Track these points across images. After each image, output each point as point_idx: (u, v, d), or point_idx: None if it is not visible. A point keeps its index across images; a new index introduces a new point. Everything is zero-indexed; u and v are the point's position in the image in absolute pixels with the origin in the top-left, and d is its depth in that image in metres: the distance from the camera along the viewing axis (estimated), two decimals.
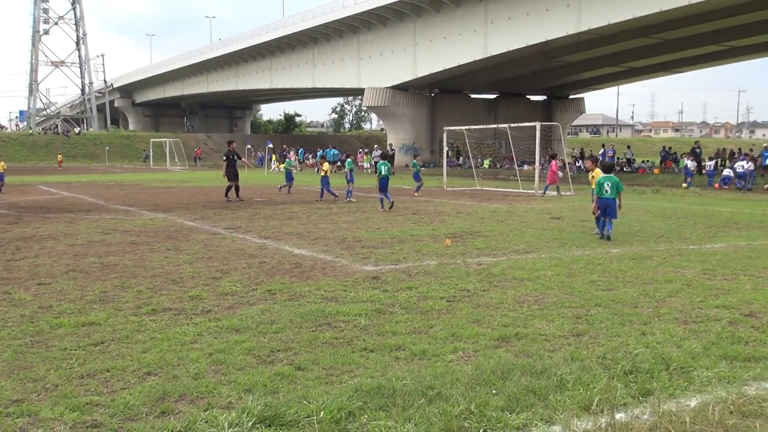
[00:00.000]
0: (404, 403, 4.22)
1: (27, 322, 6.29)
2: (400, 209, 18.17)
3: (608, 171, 12.60)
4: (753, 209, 18.23)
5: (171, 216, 16.32)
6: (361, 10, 49.07)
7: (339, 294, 7.45)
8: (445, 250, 10.67)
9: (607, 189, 12.01)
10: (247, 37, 65.11)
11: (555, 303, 7.03)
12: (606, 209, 12.00)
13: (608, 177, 12.25)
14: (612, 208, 11.97)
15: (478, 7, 43.11)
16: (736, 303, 7.00)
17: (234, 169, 21.57)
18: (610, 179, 12.15)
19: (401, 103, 52.56)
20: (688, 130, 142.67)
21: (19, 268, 9.10)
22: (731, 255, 10.17)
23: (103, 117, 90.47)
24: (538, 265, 9.20)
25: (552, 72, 52.40)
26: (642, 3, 32.97)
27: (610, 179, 12.16)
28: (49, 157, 63.87)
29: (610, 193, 11.99)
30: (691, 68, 54.71)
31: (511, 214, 17.00)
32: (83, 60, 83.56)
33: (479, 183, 30.23)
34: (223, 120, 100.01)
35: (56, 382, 4.71)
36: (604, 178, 12.26)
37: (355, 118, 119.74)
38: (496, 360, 5.11)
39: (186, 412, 4.17)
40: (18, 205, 19.88)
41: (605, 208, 12.01)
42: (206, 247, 11.07)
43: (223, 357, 5.23)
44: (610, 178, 12.19)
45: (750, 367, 4.99)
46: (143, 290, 7.66)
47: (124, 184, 31.00)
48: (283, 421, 4.01)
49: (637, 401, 4.32)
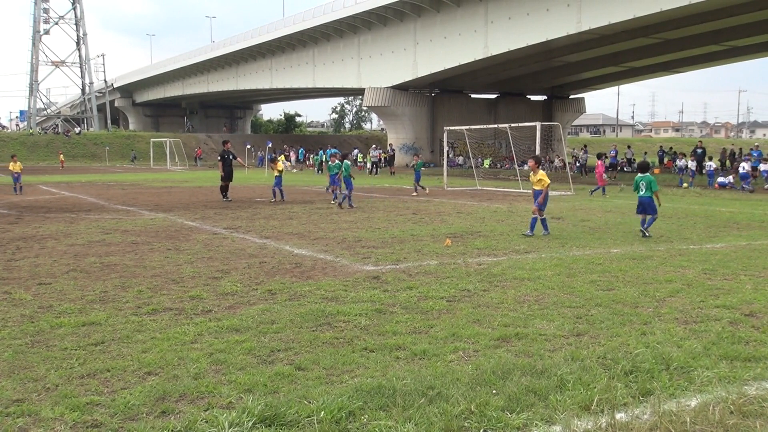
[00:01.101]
0: (404, 403, 4.21)
1: (27, 321, 6.29)
2: (400, 209, 18.17)
3: (644, 170, 12.83)
4: (753, 209, 18.23)
5: (171, 216, 16.32)
6: (361, 10, 49.09)
7: (339, 294, 7.45)
8: (446, 250, 10.67)
9: (642, 188, 12.38)
10: (248, 37, 65.14)
11: (555, 303, 7.03)
12: (646, 207, 12.34)
13: (644, 176, 12.52)
14: (651, 206, 12.33)
15: (478, 7, 43.11)
16: (736, 303, 6.99)
17: (229, 169, 21.60)
18: (645, 178, 12.45)
19: (401, 103, 52.57)
20: (689, 130, 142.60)
21: (20, 268, 9.10)
22: (731, 255, 10.17)
23: (103, 117, 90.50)
24: (538, 265, 9.20)
25: (552, 72, 52.42)
26: (642, 3, 32.97)
27: (645, 178, 12.45)
28: (49, 157, 63.88)
29: (645, 192, 12.33)
30: (691, 68, 54.72)
31: (511, 214, 16.99)
32: (83, 60, 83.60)
33: (479, 183, 30.23)
34: (223, 120, 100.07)
35: (56, 382, 4.71)
36: (640, 177, 12.56)
37: (356, 118, 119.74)
38: (496, 360, 5.11)
39: (186, 412, 4.17)
40: (18, 205, 19.89)
41: (644, 207, 12.36)
42: (206, 247, 11.07)
43: (223, 357, 5.23)
44: (646, 177, 12.48)
45: (750, 367, 4.99)
46: (143, 290, 7.66)
47: (125, 184, 31.00)
48: (284, 421, 4.01)
49: (638, 401, 4.32)
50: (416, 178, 25.10)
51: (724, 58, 48.98)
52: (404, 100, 52.72)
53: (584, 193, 24.52)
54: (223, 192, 21.41)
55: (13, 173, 25.43)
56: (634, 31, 38.25)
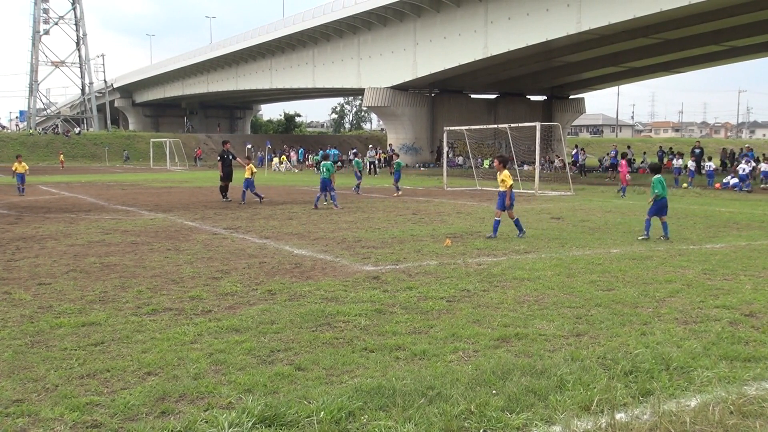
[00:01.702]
0: (404, 403, 4.21)
1: (27, 322, 6.29)
2: (399, 209, 18.18)
3: (659, 171, 12.64)
4: (753, 209, 18.23)
5: (171, 216, 16.32)
6: (361, 10, 49.08)
7: (339, 294, 7.45)
8: (445, 250, 10.67)
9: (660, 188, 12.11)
10: (247, 37, 65.12)
11: (555, 303, 7.03)
12: (663, 208, 12.13)
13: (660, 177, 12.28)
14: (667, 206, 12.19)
15: (478, 7, 43.11)
16: (736, 303, 7.00)
17: (229, 169, 21.59)
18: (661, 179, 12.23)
19: (401, 103, 52.57)
20: (688, 130, 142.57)
21: (19, 268, 9.10)
22: (731, 255, 10.17)
23: (103, 117, 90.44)
24: (538, 265, 9.20)
25: (552, 72, 52.42)
26: (642, 3, 32.97)
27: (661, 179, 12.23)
28: (49, 157, 63.83)
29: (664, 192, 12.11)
30: (691, 68, 54.73)
31: None
32: (83, 60, 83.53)
33: (479, 183, 30.22)
34: (223, 120, 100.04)
35: (56, 382, 4.71)
36: (659, 178, 12.24)
37: (355, 118, 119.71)
38: (496, 360, 5.11)
39: (186, 412, 4.17)
40: (18, 205, 19.89)
41: (664, 208, 12.14)
42: (206, 247, 11.07)
43: (223, 357, 5.23)
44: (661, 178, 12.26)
45: (750, 367, 4.99)
46: (143, 290, 7.66)
47: (125, 185, 31.00)
48: (283, 421, 4.01)
49: (637, 401, 4.32)
50: (396, 177, 24.82)
51: (724, 58, 48.99)
52: (404, 100, 52.72)
53: (584, 194, 24.52)
54: (222, 192, 21.42)
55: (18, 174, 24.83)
56: (634, 31, 38.26)
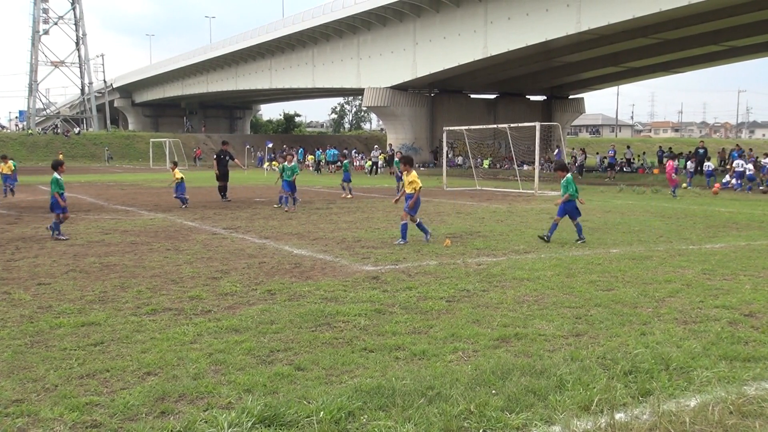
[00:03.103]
0: (404, 403, 4.21)
1: (27, 322, 6.29)
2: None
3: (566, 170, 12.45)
4: (753, 209, 18.24)
5: (171, 216, 16.32)
6: (361, 10, 49.07)
7: (339, 294, 7.45)
8: (445, 250, 10.67)
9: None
10: (247, 37, 65.10)
11: (555, 303, 7.03)
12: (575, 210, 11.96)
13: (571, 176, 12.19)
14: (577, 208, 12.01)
15: (477, 7, 43.11)
16: (735, 303, 7.00)
17: (224, 169, 21.56)
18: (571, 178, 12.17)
19: (401, 103, 52.56)
20: (688, 130, 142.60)
21: (19, 268, 9.10)
22: (731, 255, 10.17)
23: (102, 117, 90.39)
24: (537, 265, 9.20)
25: (552, 72, 52.42)
26: (641, 3, 32.98)
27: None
28: (48, 157, 63.75)
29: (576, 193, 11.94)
30: (691, 68, 54.73)
31: (510, 214, 17.00)
32: (83, 60, 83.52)
33: (479, 183, 30.23)
34: (222, 120, 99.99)
35: (56, 382, 4.71)
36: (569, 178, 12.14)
37: (355, 119, 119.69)
38: (495, 360, 5.11)
39: (186, 412, 4.17)
40: (18, 205, 19.89)
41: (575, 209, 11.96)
42: (206, 247, 11.07)
43: (222, 357, 5.23)
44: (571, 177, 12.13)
45: (750, 367, 4.99)
46: (143, 290, 7.66)
47: (124, 185, 30.99)
48: (283, 421, 4.01)
49: (637, 401, 4.32)
50: (345, 177, 23.39)
51: (724, 58, 48.98)
52: (404, 100, 52.71)
53: (584, 194, 24.45)
54: (221, 192, 21.41)
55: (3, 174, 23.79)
56: (633, 32, 38.25)
